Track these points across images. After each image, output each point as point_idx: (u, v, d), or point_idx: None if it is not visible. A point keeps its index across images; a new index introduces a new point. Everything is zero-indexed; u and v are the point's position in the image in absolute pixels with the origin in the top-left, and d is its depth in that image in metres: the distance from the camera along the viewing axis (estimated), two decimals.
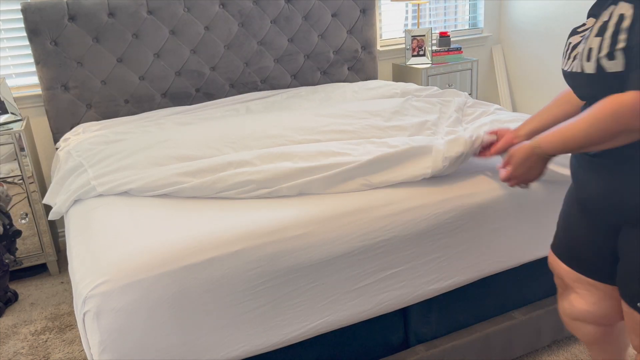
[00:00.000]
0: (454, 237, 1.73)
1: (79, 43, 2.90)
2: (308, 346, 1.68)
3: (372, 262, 1.63)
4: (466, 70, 3.85)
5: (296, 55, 3.43)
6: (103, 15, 2.92)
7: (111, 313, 1.35)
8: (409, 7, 4.17)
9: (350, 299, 1.63)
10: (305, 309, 1.58)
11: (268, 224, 1.54)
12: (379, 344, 1.80)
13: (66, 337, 2.41)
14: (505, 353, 1.95)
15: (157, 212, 1.68)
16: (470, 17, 4.44)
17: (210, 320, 1.46)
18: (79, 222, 1.75)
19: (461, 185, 1.77)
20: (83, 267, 1.46)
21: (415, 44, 3.85)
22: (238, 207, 1.66)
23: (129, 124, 2.74)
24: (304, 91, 3.21)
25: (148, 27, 3.02)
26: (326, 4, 3.43)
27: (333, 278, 1.59)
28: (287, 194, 1.73)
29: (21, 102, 3.07)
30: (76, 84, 2.94)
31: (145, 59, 3.05)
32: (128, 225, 1.59)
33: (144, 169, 1.94)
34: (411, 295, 1.72)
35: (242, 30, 3.24)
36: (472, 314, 1.92)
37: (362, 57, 3.62)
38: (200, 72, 3.19)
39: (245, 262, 1.47)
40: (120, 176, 1.90)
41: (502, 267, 1.86)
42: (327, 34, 3.48)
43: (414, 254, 1.69)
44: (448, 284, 1.77)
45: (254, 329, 1.52)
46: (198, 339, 1.47)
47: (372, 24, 3.60)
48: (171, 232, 1.52)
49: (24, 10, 2.77)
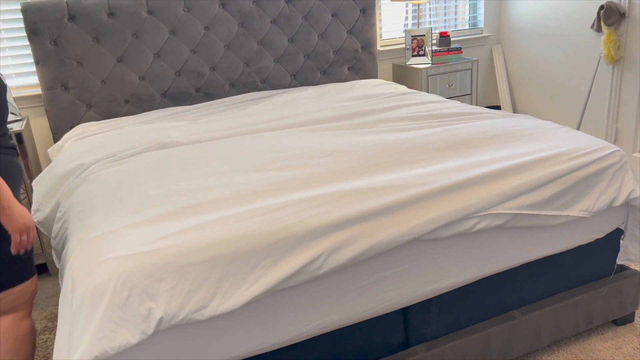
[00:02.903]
0: (453, 237, 1.73)
1: (79, 43, 2.90)
2: (308, 346, 1.68)
3: (372, 262, 1.63)
4: (466, 70, 3.85)
5: (296, 55, 3.42)
6: (103, 15, 2.92)
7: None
8: (409, 7, 4.17)
9: (350, 299, 1.63)
10: (306, 308, 1.58)
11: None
12: (379, 344, 1.80)
13: None
14: (505, 353, 1.95)
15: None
16: (470, 17, 4.44)
17: (210, 320, 1.46)
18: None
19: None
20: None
21: (415, 44, 3.85)
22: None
23: (127, 131, 2.59)
24: (302, 96, 3.10)
25: (148, 27, 3.02)
26: (326, 4, 3.43)
27: (333, 278, 1.59)
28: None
29: (21, 102, 3.07)
30: (76, 84, 2.94)
31: (145, 59, 3.05)
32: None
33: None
34: (411, 295, 1.72)
35: (242, 30, 3.24)
36: (472, 314, 1.92)
37: (362, 57, 3.62)
38: (200, 72, 3.19)
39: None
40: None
41: (502, 267, 1.86)
42: (327, 34, 3.48)
43: (414, 254, 1.69)
44: (448, 284, 1.77)
45: (254, 329, 1.52)
46: (198, 339, 1.47)
47: (372, 24, 3.60)
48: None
49: (24, 10, 2.77)
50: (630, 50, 3.45)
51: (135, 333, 1.36)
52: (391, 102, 2.82)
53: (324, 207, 1.59)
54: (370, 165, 1.93)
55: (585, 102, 3.72)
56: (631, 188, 1.96)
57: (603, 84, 3.68)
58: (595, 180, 1.91)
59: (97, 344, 1.33)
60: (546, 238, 1.90)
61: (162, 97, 3.15)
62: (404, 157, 1.98)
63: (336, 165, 1.93)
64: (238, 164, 2.02)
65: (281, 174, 1.89)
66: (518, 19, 4.26)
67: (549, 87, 4.14)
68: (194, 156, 2.24)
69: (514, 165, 1.82)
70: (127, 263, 1.39)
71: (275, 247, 1.49)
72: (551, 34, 4.01)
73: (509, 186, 1.76)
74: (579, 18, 3.77)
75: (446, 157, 1.97)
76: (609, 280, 2.11)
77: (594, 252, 2.09)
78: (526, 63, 4.29)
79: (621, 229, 2.08)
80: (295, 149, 2.13)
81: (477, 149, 2.04)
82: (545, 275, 2.02)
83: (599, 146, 1.96)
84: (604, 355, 2.06)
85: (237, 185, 1.83)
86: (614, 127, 3.66)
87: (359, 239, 1.56)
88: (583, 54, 3.81)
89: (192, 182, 1.91)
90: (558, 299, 2.04)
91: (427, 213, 1.64)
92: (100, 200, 1.83)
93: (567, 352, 2.09)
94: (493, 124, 2.28)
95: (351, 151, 2.06)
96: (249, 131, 2.48)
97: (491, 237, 1.80)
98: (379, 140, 2.19)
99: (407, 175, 1.80)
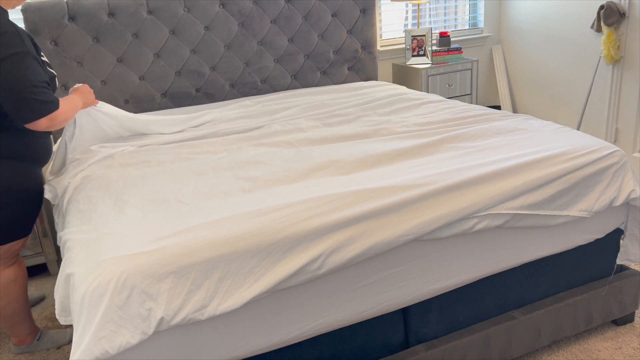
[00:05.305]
0: (453, 237, 1.73)
1: (79, 43, 2.90)
2: (308, 346, 1.68)
3: (372, 262, 1.63)
4: (466, 70, 3.85)
5: (296, 55, 3.42)
6: (103, 15, 2.92)
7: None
8: (409, 7, 4.18)
9: (350, 299, 1.63)
10: (305, 308, 1.58)
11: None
12: (379, 344, 1.80)
13: None
14: (505, 353, 1.95)
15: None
16: (470, 17, 4.44)
17: (210, 320, 1.46)
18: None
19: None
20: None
21: (415, 44, 3.85)
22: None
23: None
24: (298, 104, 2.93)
25: (148, 27, 3.02)
26: (326, 4, 3.43)
27: (333, 278, 1.59)
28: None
29: None
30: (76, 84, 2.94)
31: (145, 59, 3.05)
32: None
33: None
34: (411, 295, 1.72)
35: (242, 30, 3.24)
36: (472, 314, 1.92)
37: (362, 57, 3.62)
38: (200, 72, 3.19)
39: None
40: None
41: (502, 267, 1.86)
42: (327, 34, 3.48)
43: (414, 254, 1.69)
44: (448, 284, 1.77)
45: (254, 329, 1.52)
46: (198, 339, 1.47)
47: (372, 24, 3.60)
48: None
49: (24, 10, 2.77)
50: (630, 50, 3.45)
51: (135, 333, 1.36)
52: (395, 105, 2.83)
53: (324, 207, 1.59)
54: (371, 164, 1.94)
55: (585, 102, 3.72)
56: (631, 188, 1.96)
57: (603, 84, 3.68)
58: (595, 180, 1.91)
59: (98, 344, 1.33)
60: (546, 238, 1.90)
61: (162, 97, 3.15)
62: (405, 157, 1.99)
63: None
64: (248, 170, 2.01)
65: (283, 177, 1.89)
66: (518, 19, 4.26)
67: (549, 87, 4.14)
68: (198, 159, 2.24)
69: (514, 165, 1.82)
70: (127, 263, 1.39)
71: (275, 247, 1.49)
72: (551, 34, 4.01)
73: (509, 186, 1.76)
74: (579, 18, 3.77)
75: (446, 158, 1.97)
76: (609, 280, 2.11)
77: (594, 252, 2.09)
78: (526, 63, 4.29)
79: (621, 229, 2.08)
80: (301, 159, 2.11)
81: (477, 149, 2.04)
82: (545, 275, 2.02)
83: (599, 146, 1.96)
84: (604, 355, 2.06)
85: (238, 186, 1.83)
86: (614, 127, 3.66)
87: (359, 239, 1.56)
88: (583, 54, 3.81)
89: (192, 183, 1.92)
90: (558, 299, 2.04)
91: (427, 213, 1.64)
92: (100, 200, 1.83)
93: (567, 352, 2.09)
94: (497, 126, 2.28)
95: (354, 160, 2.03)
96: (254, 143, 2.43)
97: (491, 237, 1.80)
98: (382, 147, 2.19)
99: (407, 176, 1.80)
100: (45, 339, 2.28)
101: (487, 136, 2.17)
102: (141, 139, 2.50)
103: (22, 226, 2.05)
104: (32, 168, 2.03)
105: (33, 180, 2.04)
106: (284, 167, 1.99)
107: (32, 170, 2.03)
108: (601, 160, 1.92)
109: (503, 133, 2.18)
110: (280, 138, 2.36)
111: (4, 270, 2.09)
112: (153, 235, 1.50)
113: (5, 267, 2.09)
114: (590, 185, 1.90)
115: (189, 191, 1.82)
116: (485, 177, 1.77)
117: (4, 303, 2.10)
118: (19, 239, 2.06)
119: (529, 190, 1.79)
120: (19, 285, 2.13)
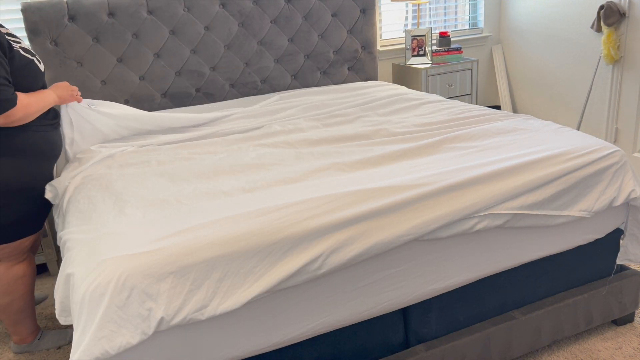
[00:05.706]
0: (453, 237, 1.73)
1: (79, 43, 2.90)
2: (308, 346, 1.68)
3: (372, 262, 1.63)
4: (466, 70, 3.85)
5: (296, 55, 3.42)
6: (103, 15, 2.92)
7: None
8: (409, 7, 4.18)
9: (350, 299, 1.63)
10: (305, 308, 1.58)
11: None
12: (379, 344, 1.80)
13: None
14: (505, 353, 1.95)
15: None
16: (470, 17, 4.44)
17: (210, 320, 1.46)
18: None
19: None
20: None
21: (415, 44, 3.85)
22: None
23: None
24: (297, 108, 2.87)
25: (148, 27, 3.02)
26: (326, 4, 3.43)
27: (333, 278, 1.59)
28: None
29: None
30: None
31: (145, 59, 3.05)
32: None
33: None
34: (411, 295, 1.72)
35: (242, 30, 3.24)
36: (472, 314, 1.92)
37: (362, 57, 3.62)
38: (200, 72, 3.19)
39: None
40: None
41: (502, 267, 1.86)
42: (327, 34, 3.48)
43: (414, 254, 1.69)
44: (448, 284, 1.77)
45: (254, 329, 1.52)
46: (198, 339, 1.47)
47: (372, 24, 3.60)
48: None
49: (24, 10, 2.77)
50: (630, 50, 3.45)
51: (135, 333, 1.36)
52: (398, 105, 2.83)
53: (324, 207, 1.59)
54: (371, 164, 1.94)
55: (585, 102, 3.72)
56: (631, 188, 1.96)
57: (603, 84, 3.68)
58: (595, 180, 1.91)
59: (98, 344, 1.33)
60: (546, 238, 1.90)
61: (162, 97, 3.15)
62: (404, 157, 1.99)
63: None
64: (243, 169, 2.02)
65: (283, 176, 1.89)
66: (518, 19, 4.26)
67: (549, 87, 4.14)
68: (198, 159, 2.24)
69: (514, 165, 1.82)
70: (127, 263, 1.39)
71: (275, 247, 1.49)
72: (551, 34, 4.01)
73: (509, 186, 1.76)
74: (579, 18, 3.77)
75: (446, 158, 1.97)
76: (609, 280, 2.11)
77: (594, 252, 2.09)
78: (526, 63, 4.29)
79: (621, 229, 2.08)
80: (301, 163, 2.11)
81: (477, 149, 2.04)
82: (545, 275, 2.02)
83: (599, 146, 1.96)
84: (604, 355, 2.06)
85: (240, 187, 1.83)
86: (614, 127, 3.66)
87: (359, 239, 1.56)
88: (583, 54, 3.81)
89: (192, 183, 1.92)
90: (558, 299, 2.04)
91: (427, 213, 1.64)
92: (100, 200, 1.83)
93: (567, 352, 2.09)
94: (497, 126, 2.28)
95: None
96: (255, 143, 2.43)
97: (491, 237, 1.80)
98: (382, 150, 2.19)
99: (407, 176, 1.80)
100: (46, 339, 2.28)
101: (487, 136, 2.17)
102: (141, 139, 2.50)
103: (30, 223, 2.07)
104: (36, 164, 2.02)
105: (37, 177, 2.03)
106: (284, 167, 1.99)
107: (36, 167, 2.02)
108: (601, 160, 1.92)
109: (503, 133, 2.19)
110: (280, 138, 2.36)
111: (14, 266, 2.09)
112: (153, 236, 1.50)
113: (15, 264, 2.10)
114: (590, 185, 1.90)
115: (189, 191, 1.82)
116: (485, 177, 1.77)
117: (10, 299, 2.10)
118: (27, 236, 2.07)
119: (529, 190, 1.80)
120: (26, 283, 2.13)
